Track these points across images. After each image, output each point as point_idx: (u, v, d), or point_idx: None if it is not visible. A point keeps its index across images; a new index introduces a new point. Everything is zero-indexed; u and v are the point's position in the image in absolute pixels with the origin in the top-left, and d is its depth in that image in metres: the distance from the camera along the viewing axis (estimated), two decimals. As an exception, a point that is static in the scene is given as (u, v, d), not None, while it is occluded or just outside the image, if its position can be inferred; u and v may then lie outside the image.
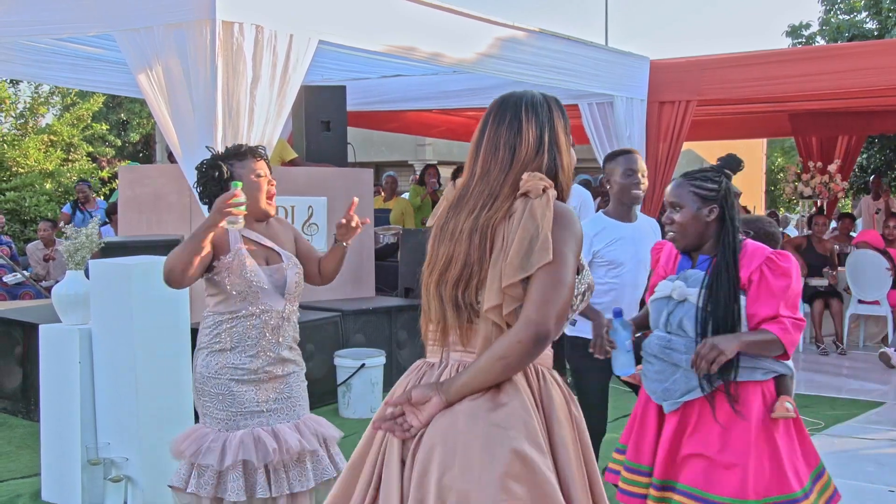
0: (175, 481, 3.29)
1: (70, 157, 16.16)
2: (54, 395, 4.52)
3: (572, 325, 4.18)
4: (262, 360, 3.30)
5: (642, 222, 4.26)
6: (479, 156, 2.17)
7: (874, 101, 9.80)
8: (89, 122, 16.73)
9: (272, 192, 3.40)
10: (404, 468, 2.08)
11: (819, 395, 7.10)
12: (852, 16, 19.38)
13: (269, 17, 4.99)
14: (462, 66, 6.91)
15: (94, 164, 16.18)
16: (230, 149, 3.43)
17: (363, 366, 6.19)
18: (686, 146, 10.14)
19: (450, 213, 2.17)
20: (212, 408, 3.31)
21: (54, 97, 16.95)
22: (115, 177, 13.84)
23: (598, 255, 4.06)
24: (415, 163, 20.32)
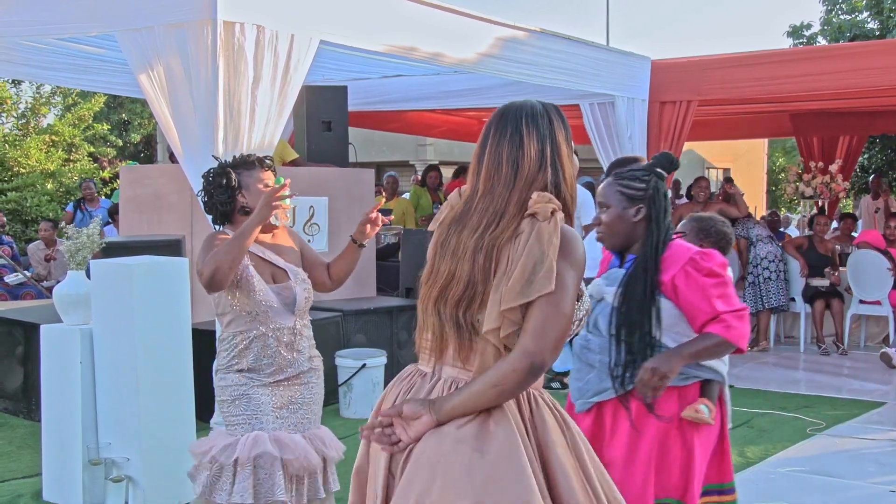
0: (198, 492, 3.28)
1: (71, 158, 16.16)
2: (55, 395, 4.52)
3: None
4: (283, 375, 3.32)
5: None
6: (482, 171, 2.14)
7: (875, 101, 9.79)
8: (90, 122, 16.73)
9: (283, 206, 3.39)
10: (392, 479, 2.08)
11: (820, 395, 7.10)
12: (853, 16, 19.37)
13: (270, 17, 4.99)
14: (463, 66, 6.90)
15: (95, 165, 16.18)
16: (238, 158, 3.42)
17: (364, 366, 6.20)
18: (687, 146, 10.14)
19: (451, 228, 2.14)
20: (229, 414, 3.30)
21: (56, 97, 16.95)
22: (116, 177, 13.84)
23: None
24: (416, 163, 20.33)
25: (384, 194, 11.13)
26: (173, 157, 5.79)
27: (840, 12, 19.73)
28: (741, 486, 4.88)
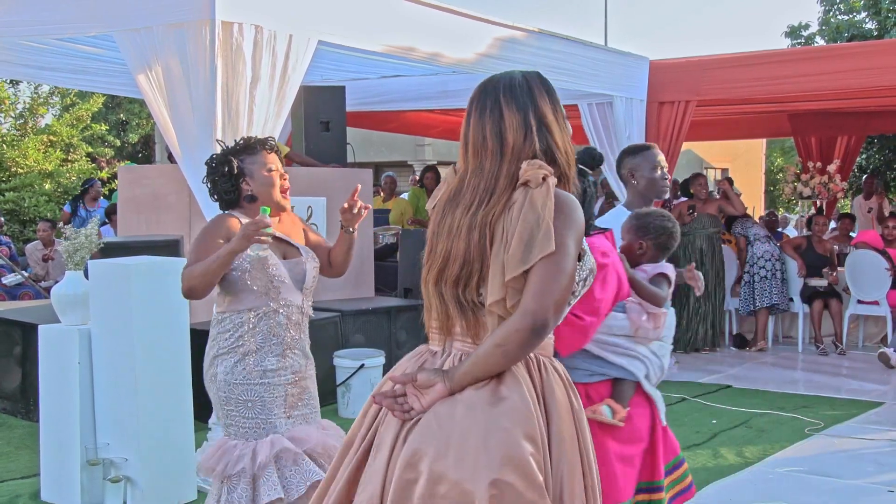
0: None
1: (69, 158, 16.15)
2: (53, 395, 4.52)
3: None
4: (289, 359, 3.26)
5: None
6: (469, 148, 2.15)
7: (873, 101, 9.79)
8: (89, 122, 16.71)
9: (286, 186, 3.37)
10: (394, 447, 2.07)
11: (818, 395, 7.11)
12: (851, 16, 19.37)
13: (268, 17, 4.99)
14: (461, 66, 6.90)
15: (93, 165, 16.18)
16: (240, 142, 3.37)
17: (363, 366, 6.19)
18: (686, 146, 10.14)
19: (446, 207, 2.15)
20: (238, 416, 3.20)
21: (54, 97, 16.93)
22: (114, 177, 13.83)
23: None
24: (414, 163, 20.34)
25: (382, 194, 11.15)
26: (171, 158, 5.78)
27: (838, 12, 19.73)
28: (739, 485, 4.90)
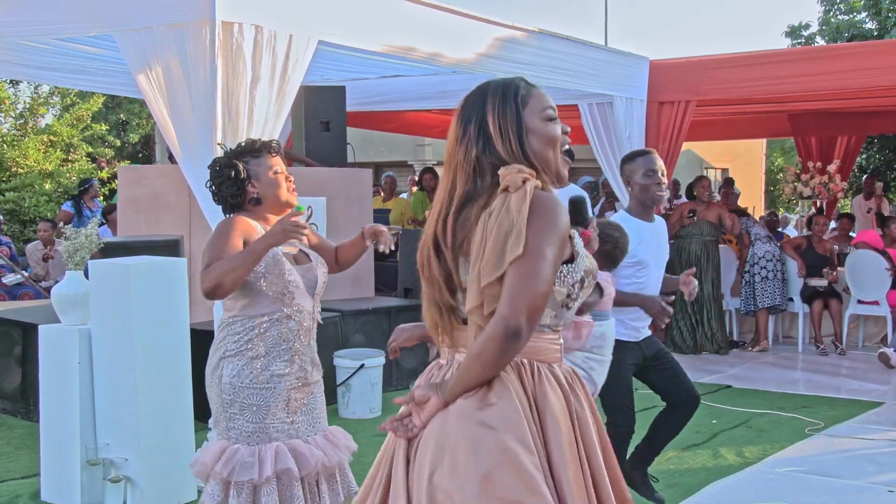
0: (208, 502, 3.18)
1: (69, 158, 16.14)
2: (54, 395, 4.52)
3: None
4: (296, 365, 3.25)
5: (659, 222, 4.29)
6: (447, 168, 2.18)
7: (873, 101, 9.80)
8: (89, 122, 16.71)
9: (292, 187, 3.37)
10: (409, 467, 2.09)
11: (818, 395, 7.11)
12: (852, 16, 19.38)
13: (268, 17, 4.99)
14: (461, 66, 6.90)
15: (93, 165, 16.17)
16: (244, 145, 3.36)
17: (362, 366, 6.19)
18: (685, 146, 10.14)
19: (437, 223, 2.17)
20: (241, 420, 3.18)
21: (54, 97, 16.92)
22: (114, 177, 13.83)
23: (628, 255, 4.05)
24: (414, 163, 20.34)
25: (382, 194, 11.15)
26: (172, 158, 5.79)
27: (838, 12, 19.74)
28: (739, 485, 4.90)
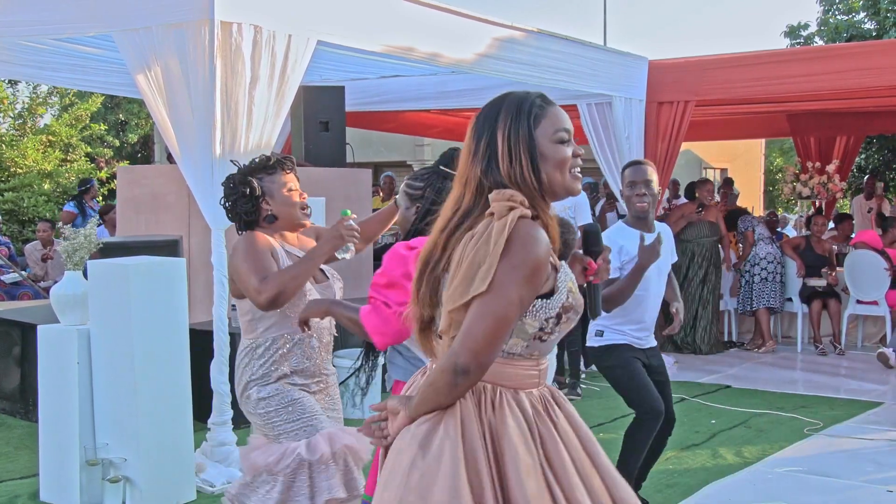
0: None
1: (68, 158, 16.14)
2: (53, 395, 4.51)
3: (600, 336, 4.19)
4: (317, 377, 3.33)
5: (659, 231, 4.27)
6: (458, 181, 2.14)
7: (873, 101, 9.79)
8: (88, 122, 16.71)
9: (304, 205, 3.36)
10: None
11: (817, 395, 7.11)
12: (850, 16, 19.38)
13: (267, 17, 4.98)
14: (460, 66, 6.90)
15: (92, 165, 16.17)
16: (258, 162, 3.35)
17: (362, 367, 6.18)
18: (685, 146, 10.14)
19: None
20: (282, 422, 3.22)
21: (53, 97, 16.92)
22: (113, 177, 13.82)
23: (624, 269, 4.08)
24: (413, 163, 20.32)
25: (381, 194, 11.15)
26: (171, 158, 5.79)
27: (837, 13, 19.74)
28: (738, 485, 4.89)
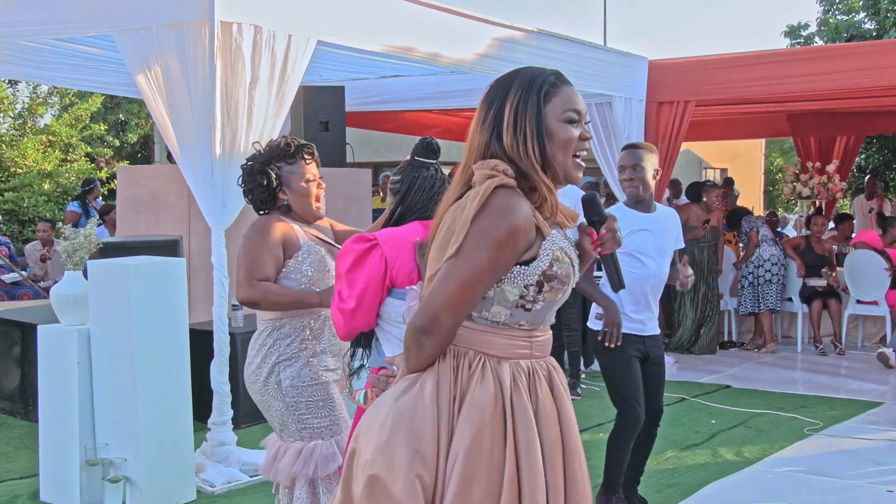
0: None
1: (68, 158, 16.14)
2: (53, 395, 4.51)
3: (601, 319, 4.18)
4: (338, 358, 3.27)
5: (662, 213, 4.32)
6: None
7: (873, 101, 9.80)
8: (88, 122, 16.71)
9: (321, 196, 3.33)
10: None
11: (817, 395, 7.11)
12: (850, 16, 19.39)
13: (267, 17, 4.99)
14: (460, 66, 6.90)
15: (92, 165, 16.16)
16: (279, 148, 3.25)
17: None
18: (685, 146, 10.15)
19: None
20: (310, 418, 3.16)
21: (53, 97, 16.92)
22: (113, 177, 13.82)
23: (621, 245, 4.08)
24: (413, 163, 20.30)
25: (381, 194, 11.15)
26: (171, 158, 5.79)
27: (837, 13, 19.74)
28: (738, 485, 4.89)
